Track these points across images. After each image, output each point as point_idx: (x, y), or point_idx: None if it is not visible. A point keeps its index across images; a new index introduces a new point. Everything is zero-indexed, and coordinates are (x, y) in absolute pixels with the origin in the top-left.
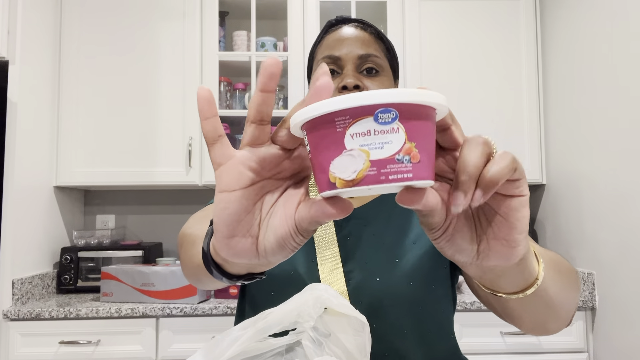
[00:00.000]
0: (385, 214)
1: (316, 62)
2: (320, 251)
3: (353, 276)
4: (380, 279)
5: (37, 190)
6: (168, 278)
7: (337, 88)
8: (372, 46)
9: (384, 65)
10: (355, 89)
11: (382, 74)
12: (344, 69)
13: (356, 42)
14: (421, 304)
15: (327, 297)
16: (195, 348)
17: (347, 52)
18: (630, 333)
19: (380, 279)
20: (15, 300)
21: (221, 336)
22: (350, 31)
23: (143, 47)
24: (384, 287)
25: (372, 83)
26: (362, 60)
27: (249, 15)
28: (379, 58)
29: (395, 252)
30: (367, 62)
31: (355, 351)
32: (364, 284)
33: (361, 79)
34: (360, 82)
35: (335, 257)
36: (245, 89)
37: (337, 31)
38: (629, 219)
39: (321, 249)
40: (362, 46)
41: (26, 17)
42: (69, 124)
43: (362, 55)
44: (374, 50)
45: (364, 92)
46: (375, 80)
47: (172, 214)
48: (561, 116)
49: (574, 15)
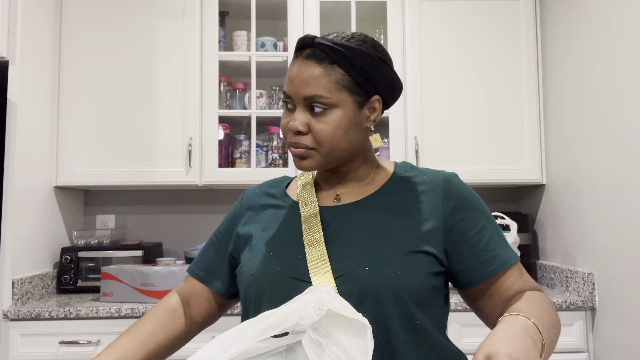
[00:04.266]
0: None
1: None
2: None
3: (343, 266)
4: (369, 268)
5: (37, 190)
6: (168, 278)
7: (289, 127)
8: (320, 84)
9: (334, 101)
10: (298, 135)
11: (331, 111)
12: (295, 106)
13: (301, 82)
14: (410, 293)
15: (329, 300)
16: (195, 348)
17: (295, 93)
18: (630, 333)
19: (369, 268)
20: (15, 300)
21: (222, 336)
22: (301, 69)
23: (143, 47)
24: (373, 276)
25: (318, 123)
26: (307, 101)
27: (249, 15)
28: (323, 98)
29: (384, 242)
30: (313, 102)
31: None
32: (353, 274)
33: (308, 119)
34: (305, 124)
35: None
36: (245, 89)
37: (294, 64)
38: (628, 219)
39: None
40: (306, 87)
41: (26, 17)
42: (69, 124)
43: (307, 97)
44: (320, 90)
45: None
46: (320, 120)
47: (172, 214)
48: (561, 116)
49: (574, 15)
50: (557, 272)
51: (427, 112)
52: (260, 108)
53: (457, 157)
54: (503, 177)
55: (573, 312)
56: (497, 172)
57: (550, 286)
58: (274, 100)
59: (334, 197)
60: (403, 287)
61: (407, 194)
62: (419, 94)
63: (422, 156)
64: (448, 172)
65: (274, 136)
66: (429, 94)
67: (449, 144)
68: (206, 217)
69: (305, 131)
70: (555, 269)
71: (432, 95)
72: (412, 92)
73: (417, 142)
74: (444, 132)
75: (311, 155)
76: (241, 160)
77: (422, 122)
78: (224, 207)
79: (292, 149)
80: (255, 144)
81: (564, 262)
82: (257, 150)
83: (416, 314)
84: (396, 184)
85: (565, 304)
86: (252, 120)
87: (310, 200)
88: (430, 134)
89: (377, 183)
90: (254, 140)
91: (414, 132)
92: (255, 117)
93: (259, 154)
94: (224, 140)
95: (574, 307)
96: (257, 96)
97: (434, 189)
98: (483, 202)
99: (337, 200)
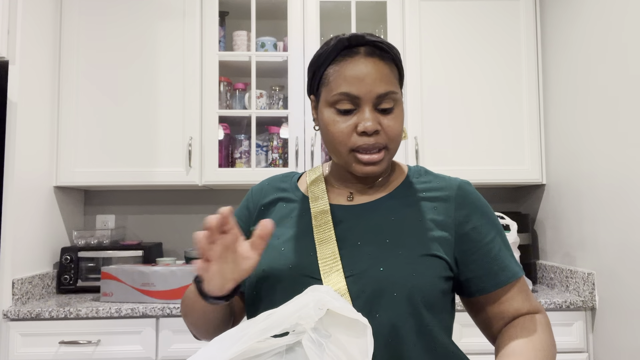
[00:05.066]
0: (389, 208)
1: (328, 87)
2: (320, 249)
3: (355, 266)
4: (384, 269)
5: (37, 190)
6: (168, 278)
7: (355, 131)
8: (391, 80)
9: (399, 97)
10: (375, 134)
11: (397, 107)
12: (360, 106)
13: (375, 80)
14: (422, 296)
15: (329, 300)
16: (195, 348)
17: (367, 92)
18: (630, 333)
19: (384, 268)
20: (15, 300)
21: (222, 336)
22: (369, 67)
23: (143, 47)
24: (389, 276)
25: (389, 121)
26: (380, 99)
27: (249, 15)
28: (396, 94)
29: (398, 244)
30: (385, 100)
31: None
32: (367, 274)
33: (378, 118)
34: (378, 125)
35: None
36: (245, 89)
37: (355, 63)
38: (629, 219)
39: (320, 247)
40: (381, 83)
41: (26, 17)
42: (69, 124)
43: (381, 95)
44: (392, 86)
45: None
46: (391, 118)
47: (172, 214)
48: (561, 116)
49: (574, 15)
50: (557, 272)
51: (427, 112)
52: (260, 108)
53: (457, 157)
54: (503, 177)
55: (573, 312)
56: (497, 172)
57: (550, 286)
58: (274, 100)
59: (347, 196)
60: (417, 289)
61: (420, 199)
62: (419, 94)
63: (422, 156)
64: (462, 179)
65: (273, 136)
66: (429, 94)
67: (449, 144)
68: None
69: (380, 130)
70: (555, 269)
71: (432, 95)
72: (412, 92)
73: (417, 142)
74: (444, 132)
75: (384, 155)
76: (241, 160)
77: (422, 122)
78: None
79: (366, 157)
80: (255, 144)
81: (564, 262)
82: (257, 150)
83: (427, 317)
84: (410, 188)
85: (565, 304)
86: (252, 120)
87: (320, 197)
88: (430, 134)
89: (391, 185)
90: (254, 140)
91: (414, 132)
92: (255, 117)
93: (259, 154)
94: (224, 140)
95: (574, 307)
96: (257, 96)
97: (448, 195)
98: (494, 212)
99: (350, 199)
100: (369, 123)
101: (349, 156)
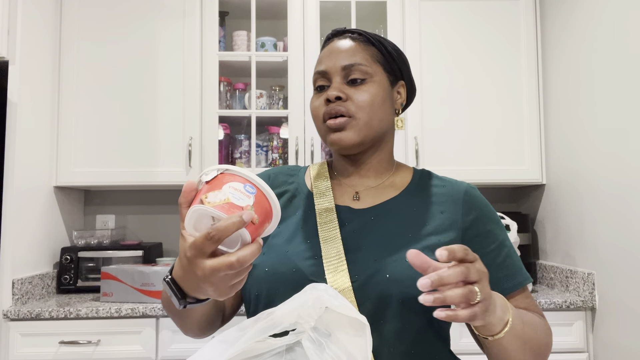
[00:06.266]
0: (396, 212)
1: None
2: (324, 247)
3: (360, 271)
4: (389, 276)
5: (37, 190)
6: None
7: (323, 102)
8: (359, 54)
9: (371, 71)
10: (337, 100)
11: (369, 81)
12: (331, 81)
13: (340, 53)
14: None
15: (327, 298)
16: (195, 348)
17: (332, 65)
18: (630, 333)
19: (389, 275)
20: (15, 300)
21: (221, 336)
22: (337, 44)
23: (143, 47)
24: (395, 284)
25: (356, 92)
26: (346, 70)
27: (249, 15)
28: (364, 66)
29: (404, 250)
30: (352, 72)
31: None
32: (372, 280)
33: (345, 89)
34: (343, 92)
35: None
36: (245, 89)
37: (327, 46)
38: (628, 219)
39: (325, 246)
40: (346, 56)
41: (26, 17)
42: (69, 124)
43: (346, 66)
44: (359, 59)
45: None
46: (359, 89)
47: (172, 214)
48: (561, 116)
49: (574, 16)
50: (557, 272)
51: (427, 112)
52: (260, 108)
53: (457, 157)
54: (503, 177)
55: (573, 312)
56: (497, 172)
57: (550, 286)
58: (274, 100)
59: (353, 195)
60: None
61: (426, 202)
62: (419, 94)
63: (422, 156)
64: (468, 184)
65: (274, 136)
66: (429, 94)
67: (449, 144)
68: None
69: (344, 97)
70: (555, 269)
71: (432, 95)
72: None
73: (417, 142)
74: (444, 132)
75: (350, 124)
76: (241, 160)
77: (422, 122)
78: None
79: (330, 121)
80: (255, 144)
81: (564, 262)
82: (257, 150)
83: (430, 326)
84: (416, 191)
85: (565, 304)
86: (252, 120)
87: (325, 193)
88: (430, 134)
89: (397, 187)
90: (254, 140)
91: (414, 132)
92: (255, 117)
93: (259, 154)
94: (224, 140)
95: (573, 307)
96: (257, 96)
97: (455, 200)
98: (499, 218)
99: (356, 198)
100: (332, 92)
101: (322, 128)
